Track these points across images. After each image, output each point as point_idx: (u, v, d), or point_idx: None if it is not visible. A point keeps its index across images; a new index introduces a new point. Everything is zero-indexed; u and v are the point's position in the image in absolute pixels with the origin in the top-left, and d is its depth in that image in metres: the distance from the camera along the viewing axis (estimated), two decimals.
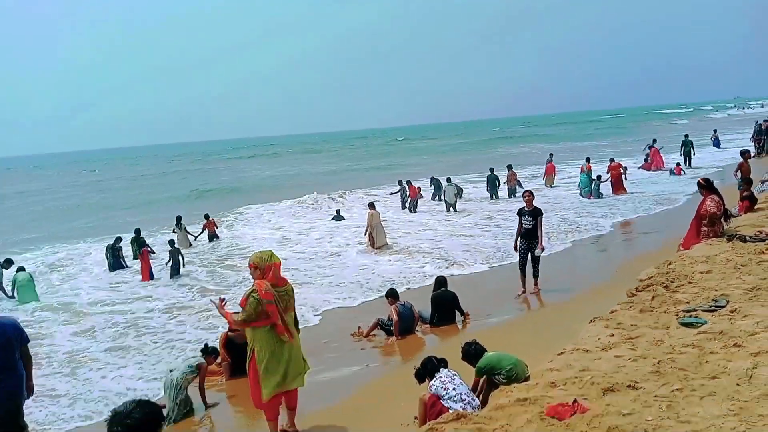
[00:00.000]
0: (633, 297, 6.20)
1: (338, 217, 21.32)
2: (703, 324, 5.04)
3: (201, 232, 19.07)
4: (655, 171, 26.34)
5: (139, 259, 15.24)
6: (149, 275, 14.61)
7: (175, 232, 17.78)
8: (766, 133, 25.62)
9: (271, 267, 5.40)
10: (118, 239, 16.46)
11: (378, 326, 8.94)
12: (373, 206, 16.25)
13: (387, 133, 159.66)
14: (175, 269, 14.66)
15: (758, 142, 25.50)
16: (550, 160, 27.17)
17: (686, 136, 28.28)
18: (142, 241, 16.42)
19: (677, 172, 24.59)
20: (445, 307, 9.12)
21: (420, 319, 9.03)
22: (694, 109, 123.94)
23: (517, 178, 24.43)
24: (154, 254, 16.10)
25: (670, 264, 6.97)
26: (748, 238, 7.48)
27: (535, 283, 10.10)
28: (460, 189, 22.60)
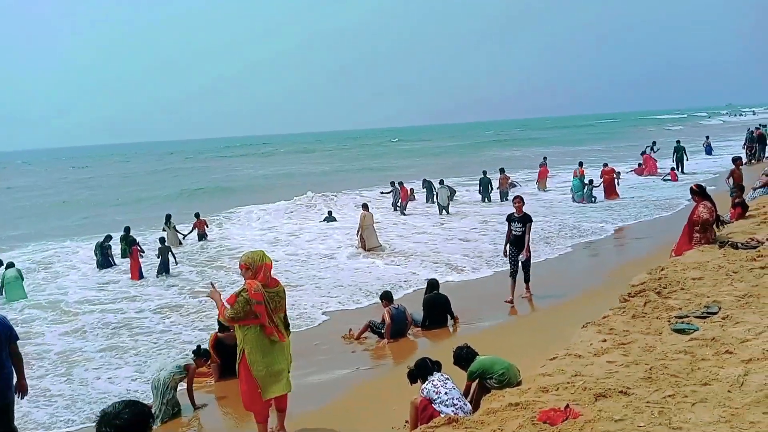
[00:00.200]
0: (625, 302, 6.20)
1: (330, 218, 21.20)
2: (695, 330, 5.05)
3: (190, 231, 18.96)
4: (647, 176, 26.44)
5: (129, 258, 15.13)
6: (139, 274, 14.49)
7: (164, 231, 17.66)
8: (758, 141, 25.76)
9: (262, 267, 5.37)
10: (108, 237, 16.34)
11: (369, 329, 8.89)
12: (366, 207, 16.20)
13: (381, 133, 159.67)
14: (164, 267, 14.55)
15: (750, 150, 25.63)
16: (544, 164, 27.20)
17: (678, 142, 28.40)
18: (132, 240, 16.28)
19: (673, 178, 24.57)
20: (437, 310, 9.07)
21: (412, 323, 8.99)
22: (689, 115, 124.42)
23: (510, 181, 24.44)
24: (144, 253, 16.00)
25: (663, 270, 6.98)
26: (740, 245, 7.50)
27: (527, 287, 10.04)
28: (453, 190, 22.59)
